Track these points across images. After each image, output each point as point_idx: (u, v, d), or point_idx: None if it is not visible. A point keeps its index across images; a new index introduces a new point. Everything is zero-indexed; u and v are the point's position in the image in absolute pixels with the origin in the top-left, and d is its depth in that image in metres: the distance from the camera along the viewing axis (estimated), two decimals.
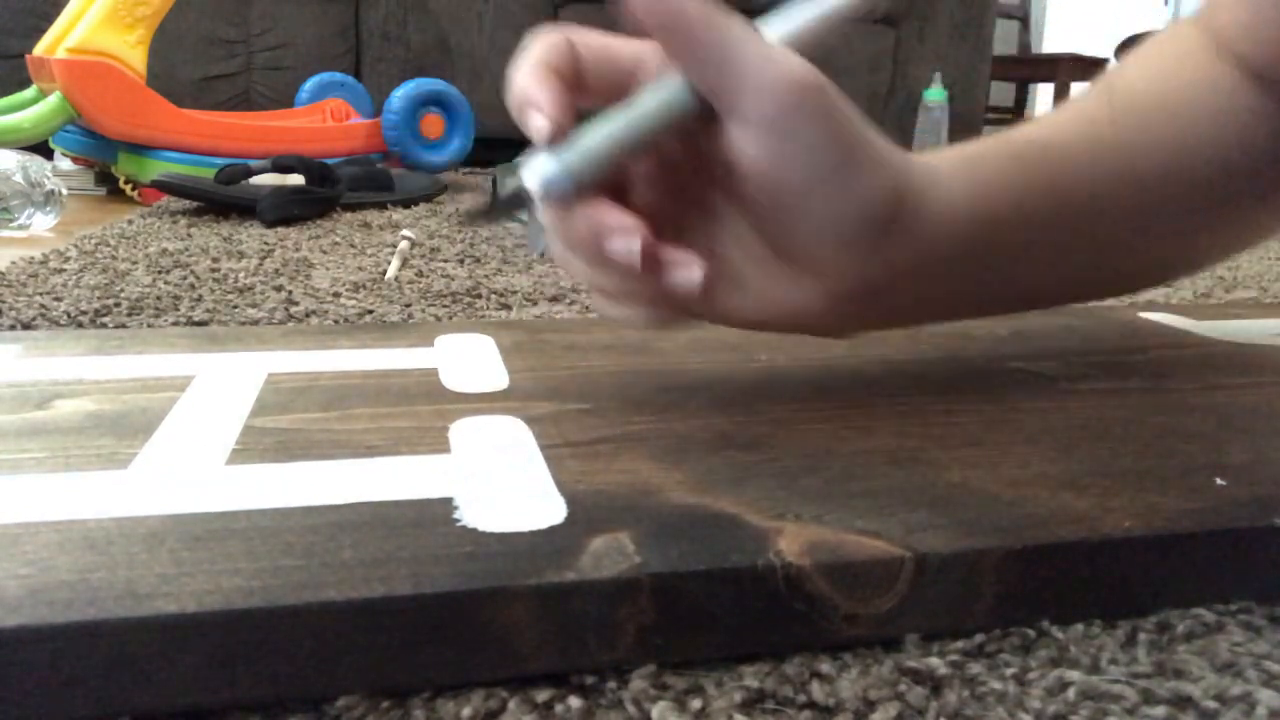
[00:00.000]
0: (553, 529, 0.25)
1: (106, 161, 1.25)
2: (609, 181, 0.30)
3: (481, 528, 0.25)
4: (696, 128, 0.31)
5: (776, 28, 0.31)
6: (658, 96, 0.30)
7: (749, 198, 0.31)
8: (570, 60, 0.31)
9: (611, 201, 0.30)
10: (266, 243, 0.88)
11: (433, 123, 1.43)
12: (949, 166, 0.34)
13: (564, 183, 0.29)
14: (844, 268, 0.32)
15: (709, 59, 0.29)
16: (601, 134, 0.29)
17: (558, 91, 0.29)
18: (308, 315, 0.61)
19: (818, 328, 0.35)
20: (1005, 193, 0.35)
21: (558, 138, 0.29)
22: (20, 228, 0.97)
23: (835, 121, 0.30)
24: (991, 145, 0.37)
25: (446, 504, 0.26)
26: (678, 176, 0.34)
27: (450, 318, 0.61)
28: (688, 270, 0.30)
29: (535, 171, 0.29)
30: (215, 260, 0.78)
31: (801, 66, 0.29)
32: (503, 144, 1.87)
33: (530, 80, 0.30)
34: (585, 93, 0.31)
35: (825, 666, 0.24)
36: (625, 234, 0.29)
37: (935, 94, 2.04)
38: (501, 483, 0.28)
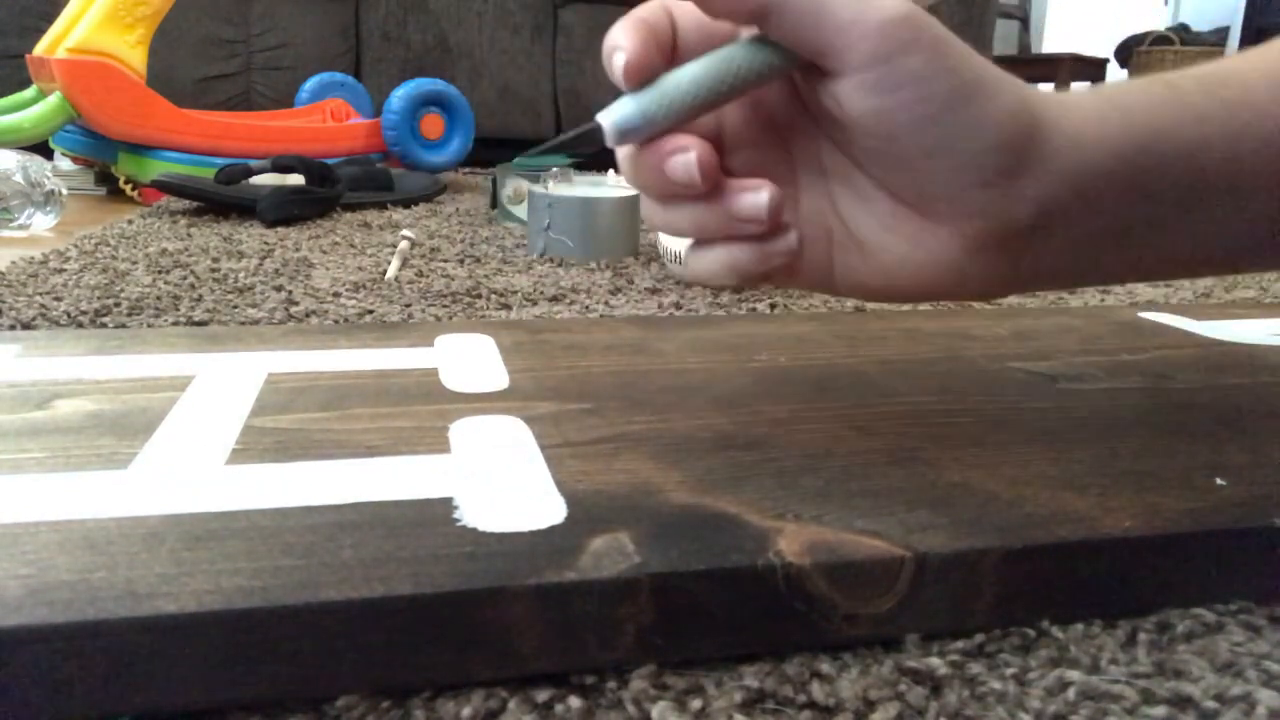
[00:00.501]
0: (553, 529, 0.25)
1: (106, 161, 1.25)
2: (704, 134, 0.30)
3: (481, 527, 0.25)
4: (797, 82, 0.31)
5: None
6: (748, 50, 0.29)
7: (867, 149, 0.30)
8: (666, 23, 0.30)
9: (677, 130, 0.30)
10: (266, 243, 0.88)
11: (433, 123, 1.43)
12: (1084, 96, 0.32)
13: (635, 122, 0.29)
14: (980, 206, 0.30)
15: (798, 19, 0.28)
16: (682, 79, 0.29)
17: (644, 39, 0.29)
18: (308, 315, 0.61)
19: (957, 286, 0.32)
20: (1155, 118, 0.31)
21: (635, 76, 0.28)
22: (20, 228, 0.97)
23: (944, 52, 0.28)
24: (1139, 81, 0.33)
25: (446, 504, 0.26)
26: (782, 135, 0.33)
27: (450, 318, 0.61)
28: (755, 193, 0.29)
29: (610, 110, 0.29)
30: (215, 260, 0.78)
31: (894, 3, 0.28)
32: (503, 144, 1.87)
33: (620, 28, 0.29)
34: (685, 47, 0.30)
35: (825, 666, 0.24)
36: (682, 150, 0.29)
37: None
38: (501, 483, 0.28)
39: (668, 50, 0.30)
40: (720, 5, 0.28)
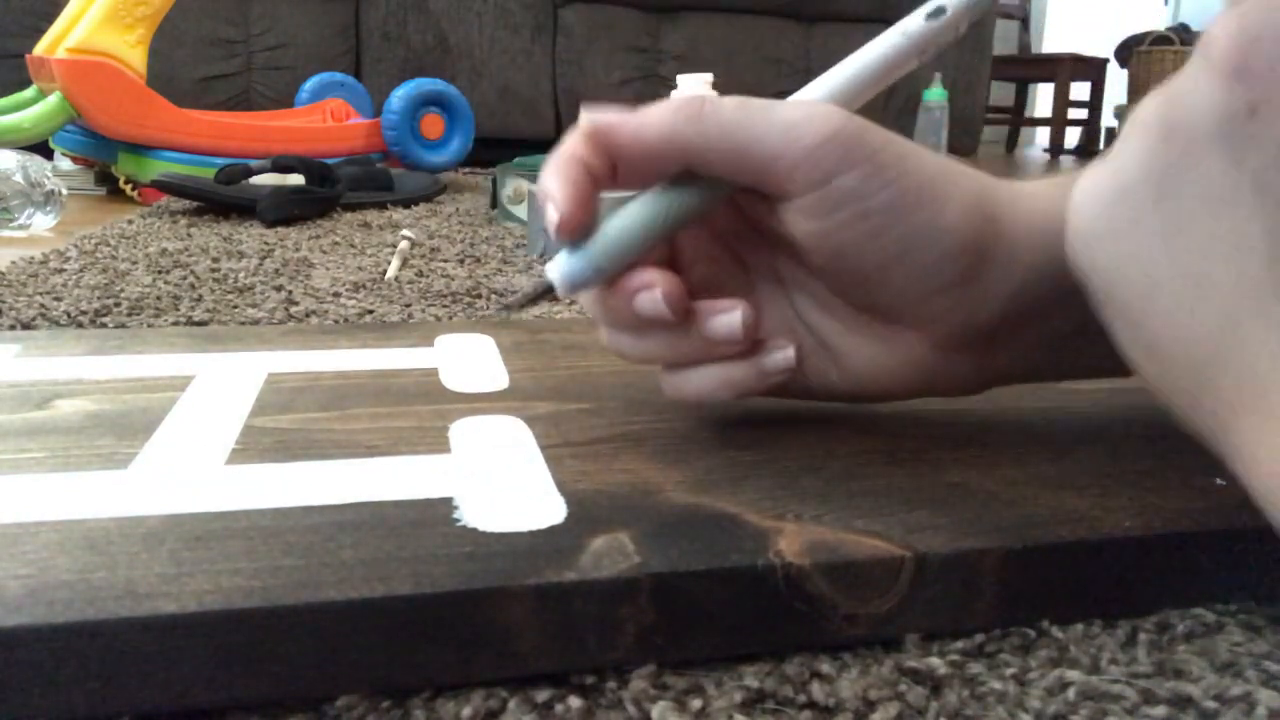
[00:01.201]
0: (553, 529, 0.25)
1: (106, 161, 1.25)
2: (658, 260, 0.30)
3: (481, 527, 0.25)
4: (739, 201, 0.30)
5: (817, 88, 0.31)
6: (688, 183, 0.29)
7: (818, 266, 0.30)
8: (600, 153, 0.29)
9: (638, 266, 0.29)
10: (266, 243, 0.88)
11: (433, 123, 1.43)
12: (1041, 185, 0.31)
13: (586, 275, 0.29)
14: (940, 312, 0.29)
15: (725, 159, 0.28)
16: (625, 224, 0.29)
17: (576, 184, 0.28)
18: (308, 315, 0.61)
19: (928, 387, 0.32)
20: None
21: (569, 234, 0.28)
22: (20, 228, 0.97)
23: (880, 163, 0.27)
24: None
25: (446, 504, 0.26)
26: (734, 248, 0.32)
27: (450, 318, 0.61)
28: (728, 314, 0.29)
29: (558, 265, 0.29)
30: (215, 260, 0.78)
31: (826, 119, 0.27)
32: (503, 144, 1.87)
33: (552, 174, 0.29)
34: (622, 179, 0.30)
35: (825, 666, 0.24)
36: (647, 288, 0.28)
37: (935, 94, 2.04)
38: (501, 483, 0.28)
39: (606, 183, 0.29)
40: (646, 164, 0.29)
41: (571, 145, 0.29)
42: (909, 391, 0.32)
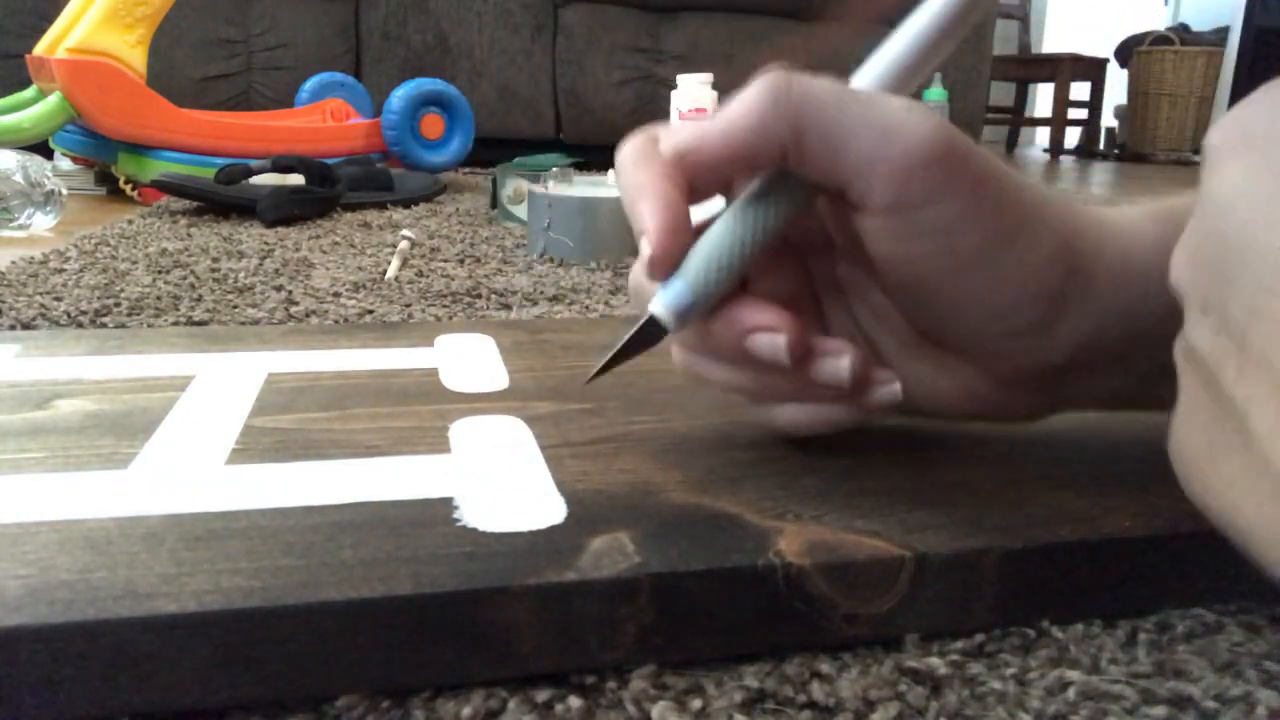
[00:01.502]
0: (553, 529, 0.25)
1: (106, 161, 1.25)
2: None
3: (481, 527, 0.25)
4: (820, 207, 0.29)
5: (877, 66, 0.28)
6: (772, 195, 0.27)
7: (888, 284, 0.28)
8: (677, 175, 0.27)
9: (747, 296, 0.28)
10: (266, 243, 0.88)
11: (433, 123, 1.43)
12: (1134, 216, 0.28)
13: (690, 304, 0.27)
14: (1009, 351, 0.28)
15: (817, 157, 0.25)
16: (721, 247, 0.27)
17: (673, 211, 0.26)
18: (308, 315, 0.61)
19: (989, 413, 0.30)
20: None
21: (665, 269, 0.27)
22: (20, 228, 0.97)
23: (980, 196, 0.25)
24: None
25: (446, 504, 0.26)
26: (797, 252, 0.30)
27: (450, 318, 0.61)
28: (837, 359, 0.27)
29: (661, 299, 0.27)
30: (215, 260, 0.78)
31: (933, 131, 0.25)
32: (503, 144, 1.87)
33: (641, 202, 0.26)
34: (699, 194, 0.28)
35: (825, 666, 0.24)
36: (769, 330, 0.27)
37: (935, 94, 2.04)
38: (501, 483, 0.28)
39: (689, 215, 0.27)
40: (742, 156, 0.26)
41: (654, 169, 0.27)
42: (963, 417, 0.31)
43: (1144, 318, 0.27)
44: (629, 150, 0.28)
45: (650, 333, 0.28)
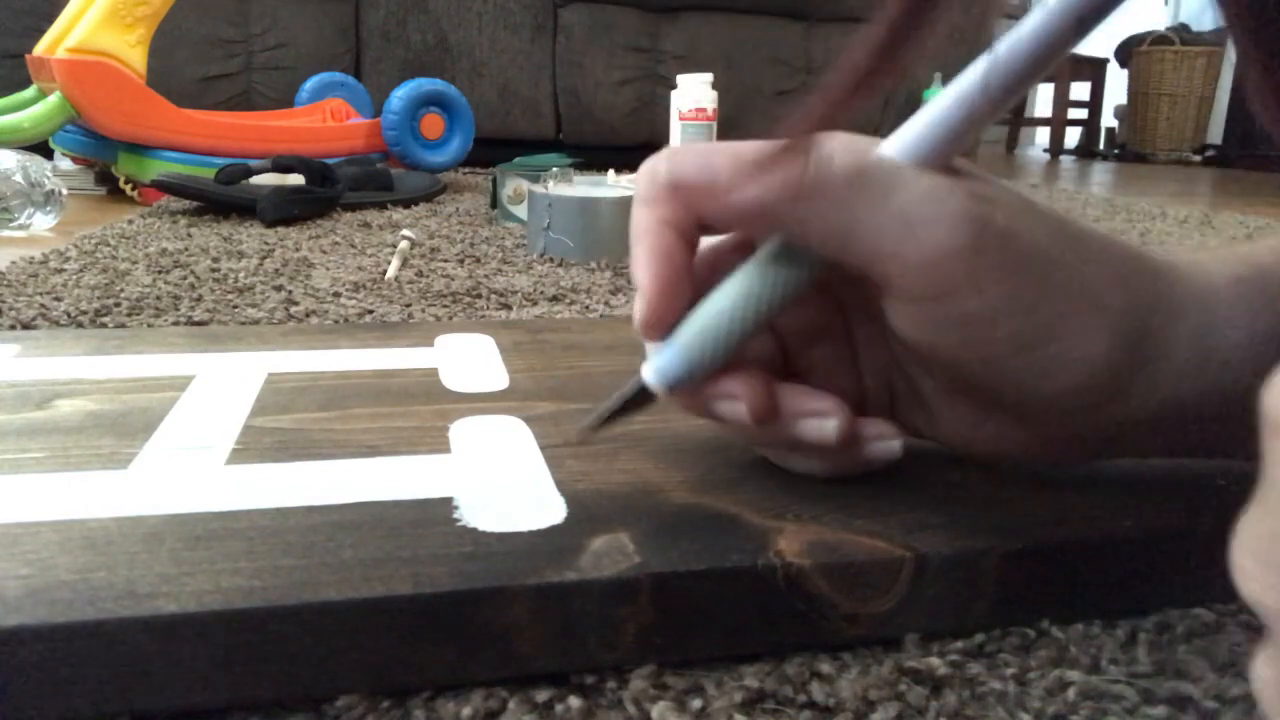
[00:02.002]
0: (553, 529, 0.25)
1: (106, 161, 1.25)
2: None
3: (481, 527, 0.25)
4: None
5: (914, 129, 0.24)
6: (783, 260, 0.25)
7: (922, 361, 0.26)
8: (684, 233, 0.26)
9: (789, 383, 0.26)
10: (266, 243, 0.88)
11: (433, 123, 1.43)
12: (1214, 278, 0.25)
13: (682, 374, 0.26)
14: (1062, 423, 0.26)
15: (829, 235, 0.23)
16: (721, 315, 0.25)
17: (669, 266, 0.25)
18: (308, 315, 0.61)
19: (1030, 459, 0.28)
20: None
21: (658, 332, 0.26)
22: (20, 228, 0.97)
23: (1020, 288, 0.23)
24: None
25: (446, 504, 0.26)
26: (832, 281, 0.28)
27: (450, 318, 0.61)
28: (821, 422, 0.26)
29: (653, 365, 0.26)
30: (215, 260, 0.78)
31: (957, 223, 0.22)
32: (503, 144, 1.87)
33: (640, 253, 0.25)
34: (710, 231, 0.27)
35: (825, 666, 0.24)
36: (729, 398, 0.26)
37: (935, 94, 2.04)
38: (501, 483, 0.28)
39: (696, 241, 0.26)
40: (737, 222, 0.25)
41: (657, 208, 0.25)
42: (1008, 460, 0.29)
43: (1221, 382, 0.25)
44: (641, 178, 0.26)
45: (641, 396, 0.27)
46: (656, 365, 0.26)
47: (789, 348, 0.30)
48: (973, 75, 0.24)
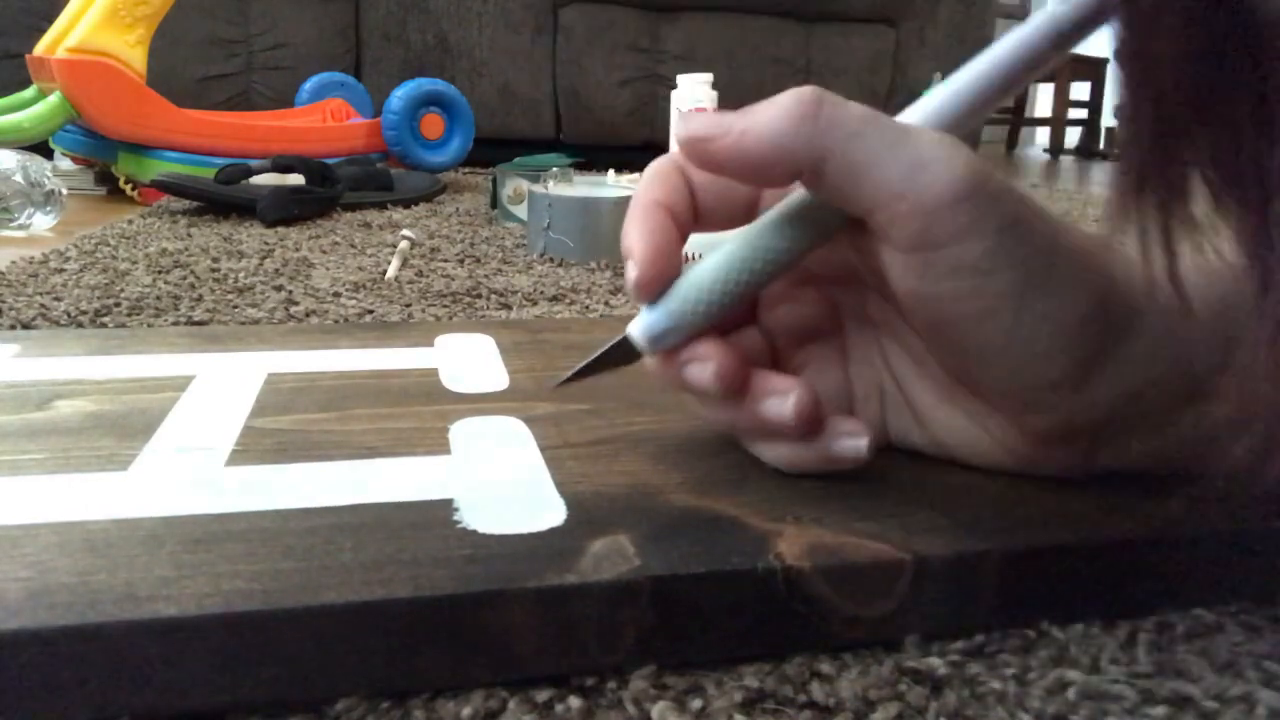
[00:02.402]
0: (553, 531, 0.25)
1: (106, 161, 1.25)
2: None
3: (481, 529, 0.25)
4: (843, 238, 0.27)
5: (927, 105, 0.26)
6: (778, 230, 0.26)
7: (915, 324, 0.27)
8: (682, 196, 0.27)
9: (758, 354, 0.27)
10: (266, 243, 0.88)
11: (433, 123, 1.43)
12: (1189, 271, 0.25)
13: (666, 330, 0.27)
14: (1041, 407, 0.26)
15: (838, 183, 0.24)
16: (710, 279, 0.26)
17: (658, 240, 0.26)
18: (308, 315, 0.61)
19: (1023, 469, 0.29)
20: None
21: (650, 292, 0.26)
22: (20, 228, 0.97)
23: (1011, 237, 0.24)
24: None
25: (446, 506, 0.26)
26: (822, 282, 0.29)
27: (450, 318, 0.61)
28: (781, 399, 0.27)
29: (640, 321, 0.27)
30: (215, 260, 0.78)
31: (962, 169, 0.24)
32: (503, 144, 1.87)
33: (633, 224, 0.27)
34: (704, 219, 0.28)
35: (825, 666, 0.24)
36: (700, 360, 0.26)
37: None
38: (501, 484, 0.28)
39: (688, 229, 0.27)
40: (754, 164, 0.25)
41: (652, 190, 0.27)
42: (995, 468, 0.29)
43: (1190, 380, 0.25)
44: (649, 170, 0.28)
45: (625, 351, 0.28)
46: (643, 322, 0.27)
47: (780, 346, 0.31)
48: (976, 66, 0.26)
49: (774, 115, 0.24)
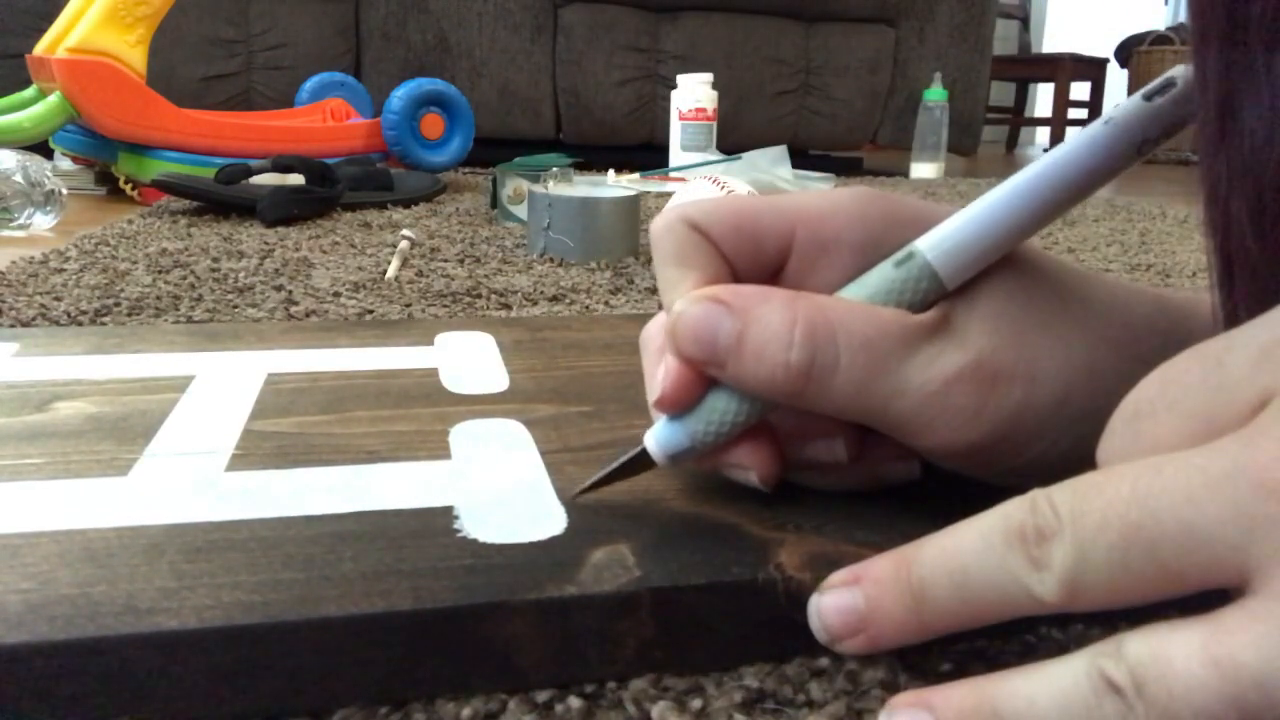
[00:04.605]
0: (553, 540, 0.25)
1: (106, 161, 1.25)
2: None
3: (481, 539, 0.25)
4: None
5: (996, 204, 0.25)
6: None
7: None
8: (704, 255, 0.27)
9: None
10: (266, 243, 0.88)
11: (433, 123, 1.43)
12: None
13: (684, 448, 0.27)
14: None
15: (850, 417, 0.26)
16: (730, 403, 0.26)
17: (681, 375, 0.26)
18: (308, 315, 0.60)
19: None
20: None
21: (674, 409, 0.26)
22: (20, 228, 0.97)
23: (1029, 440, 0.25)
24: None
25: (446, 513, 0.26)
26: None
27: (450, 317, 0.61)
28: (906, 464, 0.28)
29: (657, 436, 0.27)
30: (215, 260, 0.78)
31: (982, 406, 0.24)
32: (503, 144, 1.87)
33: (651, 352, 0.27)
34: (731, 274, 0.28)
35: (825, 666, 0.24)
36: (740, 468, 0.27)
37: (935, 94, 2.04)
38: (501, 491, 0.28)
39: (720, 276, 0.27)
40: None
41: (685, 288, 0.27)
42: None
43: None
44: (658, 233, 0.28)
45: (642, 461, 0.27)
46: (660, 436, 0.27)
47: None
48: (1017, 184, 0.25)
49: (770, 376, 0.25)
